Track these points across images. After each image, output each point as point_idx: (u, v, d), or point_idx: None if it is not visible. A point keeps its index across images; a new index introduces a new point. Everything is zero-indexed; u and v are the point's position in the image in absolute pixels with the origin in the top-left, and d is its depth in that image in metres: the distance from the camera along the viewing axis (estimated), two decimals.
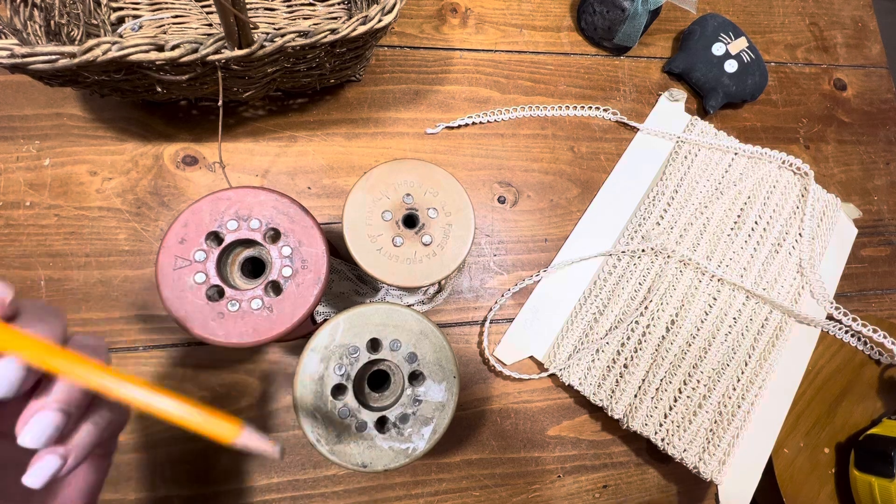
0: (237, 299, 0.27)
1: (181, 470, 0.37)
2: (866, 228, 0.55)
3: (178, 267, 0.27)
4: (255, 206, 0.28)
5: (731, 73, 0.51)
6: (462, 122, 0.46)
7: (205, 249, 0.27)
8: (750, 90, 0.52)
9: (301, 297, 0.28)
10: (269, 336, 0.27)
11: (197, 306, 0.26)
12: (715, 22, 0.52)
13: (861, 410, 0.47)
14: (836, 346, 0.47)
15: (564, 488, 0.42)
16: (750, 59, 0.51)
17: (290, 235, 0.28)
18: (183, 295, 0.26)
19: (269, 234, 0.28)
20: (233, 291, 0.27)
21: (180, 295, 0.26)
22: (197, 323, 0.26)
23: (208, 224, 0.27)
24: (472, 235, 0.33)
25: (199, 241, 0.27)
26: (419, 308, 0.39)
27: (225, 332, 0.27)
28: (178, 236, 0.27)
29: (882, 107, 0.59)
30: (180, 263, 0.27)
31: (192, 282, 0.27)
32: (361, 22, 0.33)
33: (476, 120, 0.47)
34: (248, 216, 0.28)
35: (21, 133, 0.40)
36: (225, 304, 0.27)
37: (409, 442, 0.32)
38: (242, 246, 0.29)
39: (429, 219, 0.32)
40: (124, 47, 0.29)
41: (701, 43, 0.51)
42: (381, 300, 0.39)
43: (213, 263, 0.27)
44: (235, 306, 0.27)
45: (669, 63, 0.53)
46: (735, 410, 0.42)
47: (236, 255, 0.29)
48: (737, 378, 0.43)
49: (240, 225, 0.28)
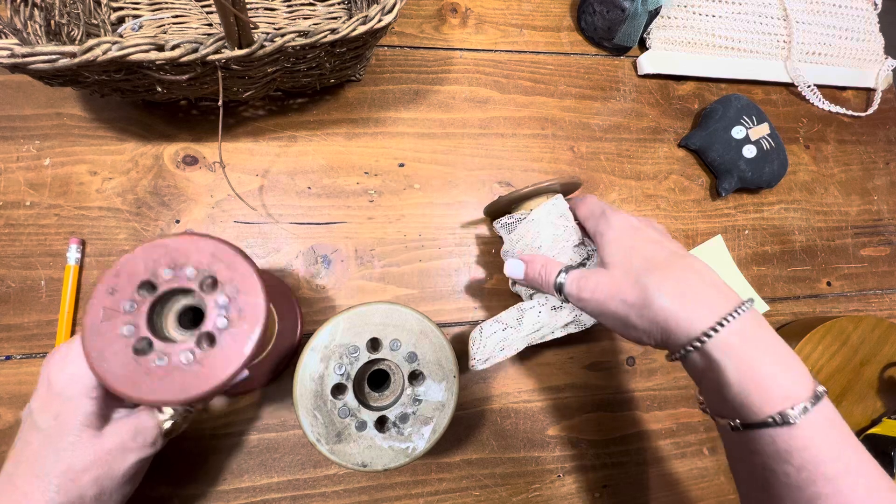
0: (166, 353, 0.25)
1: (181, 469, 0.37)
2: (866, 228, 0.55)
3: (105, 319, 0.25)
4: (192, 254, 0.26)
5: (749, 159, 0.49)
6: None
7: (136, 300, 0.25)
8: (767, 178, 0.50)
9: (235, 350, 0.25)
10: (198, 393, 0.25)
11: (121, 361, 0.25)
12: (739, 104, 0.50)
13: (861, 410, 0.47)
14: (836, 345, 0.47)
15: (564, 488, 0.42)
16: (770, 146, 0.50)
17: (227, 284, 0.26)
18: (108, 348, 0.25)
19: (207, 282, 0.26)
20: (163, 344, 0.25)
21: (105, 348, 0.25)
22: (119, 379, 0.24)
23: (141, 273, 0.26)
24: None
25: (131, 292, 0.25)
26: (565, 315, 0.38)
27: (150, 389, 0.25)
28: (109, 286, 0.25)
29: (882, 106, 0.59)
30: (108, 315, 0.25)
31: (120, 334, 0.25)
32: (361, 22, 0.33)
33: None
34: (185, 264, 0.26)
35: (21, 133, 0.40)
36: (153, 358, 0.25)
37: (408, 441, 0.32)
38: (181, 295, 0.27)
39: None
40: (124, 47, 0.29)
41: (721, 123, 0.50)
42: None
43: (143, 315, 0.25)
44: (163, 360, 0.25)
45: (686, 139, 0.52)
46: None
47: (173, 304, 0.27)
48: None
49: (175, 273, 0.26)
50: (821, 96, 0.56)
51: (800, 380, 0.26)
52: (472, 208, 0.46)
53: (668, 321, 0.28)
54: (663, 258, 0.30)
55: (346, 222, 0.43)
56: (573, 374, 0.45)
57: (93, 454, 0.26)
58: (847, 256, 0.54)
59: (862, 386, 0.48)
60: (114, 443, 0.27)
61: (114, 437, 0.27)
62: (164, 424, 0.28)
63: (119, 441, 0.27)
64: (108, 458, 0.26)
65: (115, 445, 0.27)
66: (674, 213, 0.50)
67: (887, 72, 0.60)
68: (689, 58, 0.53)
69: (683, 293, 0.28)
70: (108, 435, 0.27)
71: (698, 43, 0.54)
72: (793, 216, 0.53)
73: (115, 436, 0.27)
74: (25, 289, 0.38)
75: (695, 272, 0.29)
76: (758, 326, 0.27)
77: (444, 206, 0.45)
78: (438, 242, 0.44)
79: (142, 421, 0.28)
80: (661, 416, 0.45)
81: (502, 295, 0.44)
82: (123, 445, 0.27)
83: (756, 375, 0.26)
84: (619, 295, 0.30)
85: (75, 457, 0.26)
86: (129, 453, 0.27)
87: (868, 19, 0.60)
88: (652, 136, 0.52)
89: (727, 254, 0.50)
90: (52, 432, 0.26)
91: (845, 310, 0.53)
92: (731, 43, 0.54)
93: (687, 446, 0.45)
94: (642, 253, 0.31)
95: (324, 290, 0.42)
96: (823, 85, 0.57)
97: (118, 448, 0.27)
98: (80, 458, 0.26)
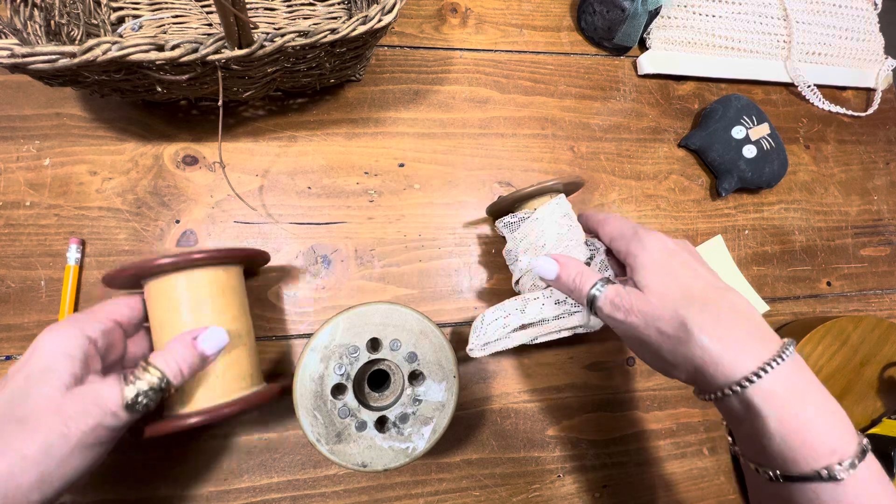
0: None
1: (181, 469, 0.37)
2: (866, 228, 0.55)
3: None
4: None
5: (749, 159, 0.49)
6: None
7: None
8: (766, 178, 0.50)
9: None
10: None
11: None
12: (739, 104, 0.50)
13: (861, 410, 0.47)
14: (836, 345, 0.47)
15: (564, 488, 0.42)
16: (770, 146, 0.50)
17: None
18: None
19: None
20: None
21: None
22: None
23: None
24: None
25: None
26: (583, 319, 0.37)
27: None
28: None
29: (882, 106, 0.59)
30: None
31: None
32: (361, 22, 0.33)
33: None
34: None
35: (21, 133, 0.40)
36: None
37: (408, 441, 0.32)
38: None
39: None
40: (124, 47, 0.29)
41: (721, 123, 0.50)
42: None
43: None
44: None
45: (686, 139, 0.51)
46: None
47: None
48: None
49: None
50: (821, 96, 0.56)
51: (845, 432, 0.25)
52: (473, 208, 0.46)
53: (705, 361, 0.27)
54: (701, 289, 0.29)
55: (346, 222, 0.43)
56: (573, 374, 0.45)
57: (52, 409, 0.25)
58: (847, 256, 0.54)
59: (862, 386, 0.48)
60: (75, 400, 0.26)
61: (76, 397, 0.26)
62: (126, 394, 0.27)
63: (81, 398, 0.26)
64: (65, 418, 0.25)
65: (75, 402, 0.26)
66: (674, 213, 0.50)
67: (887, 72, 0.60)
68: (689, 58, 0.53)
69: (724, 334, 0.27)
70: (74, 393, 0.26)
71: (698, 43, 0.54)
72: (793, 216, 0.53)
73: (79, 394, 0.26)
74: (25, 289, 0.38)
75: (736, 312, 0.28)
76: (800, 372, 0.26)
77: (444, 206, 0.45)
78: (438, 242, 0.44)
79: (106, 386, 0.27)
80: (661, 416, 0.45)
81: (502, 295, 0.44)
82: (84, 405, 0.26)
83: (801, 427, 0.25)
84: (655, 323, 0.28)
85: (30, 408, 0.25)
86: (87, 416, 0.26)
87: (868, 19, 0.60)
88: (652, 136, 0.52)
89: (727, 254, 0.50)
90: (20, 381, 0.26)
91: (845, 310, 0.53)
92: (731, 43, 0.54)
93: (687, 446, 0.45)
94: (680, 280, 0.29)
95: (324, 290, 0.42)
96: (823, 85, 0.57)
97: (77, 407, 0.26)
98: (36, 411, 0.25)
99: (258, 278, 0.41)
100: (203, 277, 0.32)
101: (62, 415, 0.25)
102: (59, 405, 0.26)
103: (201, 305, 0.32)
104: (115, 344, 0.31)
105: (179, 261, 0.31)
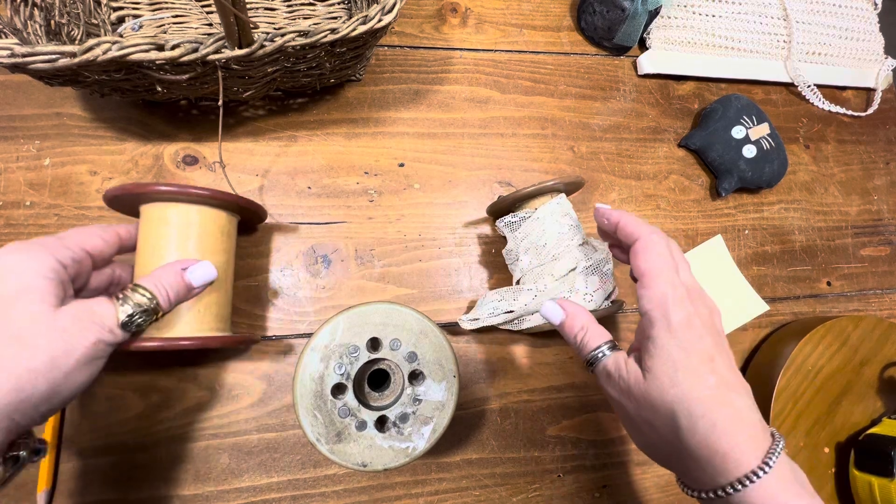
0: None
1: (181, 470, 0.37)
2: (866, 228, 0.55)
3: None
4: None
5: (749, 159, 0.49)
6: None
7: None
8: (767, 178, 0.50)
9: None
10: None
11: None
12: (739, 103, 0.50)
13: (861, 410, 0.47)
14: (836, 345, 0.47)
15: (564, 488, 0.42)
16: (770, 146, 0.50)
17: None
18: None
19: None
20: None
21: None
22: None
23: None
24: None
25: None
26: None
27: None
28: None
29: (882, 106, 0.59)
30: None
31: None
32: (361, 22, 0.33)
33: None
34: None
35: (21, 133, 0.40)
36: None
37: (408, 441, 0.32)
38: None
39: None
40: (124, 47, 0.29)
41: (721, 123, 0.49)
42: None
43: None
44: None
45: (686, 139, 0.51)
46: None
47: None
48: None
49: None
50: (821, 96, 0.56)
51: None
52: (473, 208, 0.46)
53: (689, 467, 0.27)
54: (709, 395, 0.26)
55: (346, 222, 0.43)
56: (573, 374, 0.45)
57: (47, 325, 0.25)
58: (847, 256, 0.54)
59: (862, 386, 0.48)
60: (71, 317, 0.25)
61: (71, 312, 0.25)
62: (120, 313, 0.27)
63: (76, 316, 0.26)
64: (66, 334, 0.25)
65: (72, 319, 0.25)
66: (674, 213, 0.50)
67: (887, 72, 0.60)
68: (689, 58, 0.53)
69: (717, 441, 0.26)
70: (65, 311, 0.26)
71: (698, 43, 0.54)
72: (793, 216, 0.53)
73: (73, 312, 0.26)
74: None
75: (738, 420, 0.26)
76: (788, 482, 0.25)
77: (444, 206, 0.45)
78: (438, 242, 0.44)
79: (100, 303, 0.27)
80: None
81: None
82: (81, 322, 0.25)
83: None
84: (646, 415, 0.28)
85: (19, 326, 0.24)
86: (87, 332, 0.25)
87: (868, 19, 0.60)
88: (652, 135, 0.52)
89: (727, 254, 0.50)
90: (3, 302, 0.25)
91: (845, 310, 0.53)
92: (731, 43, 0.54)
93: None
94: (690, 381, 0.27)
95: (324, 290, 0.42)
96: (823, 85, 0.57)
97: (75, 324, 0.25)
98: (30, 328, 0.24)
99: (258, 278, 0.41)
100: (203, 214, 0.33)
101: (60, 331, 0.25)
102: (54, 322, 0.25)
103: (195, 240, 0.33)
104: (81, 275, 0.30)
105: (181, 192, 0.31)
